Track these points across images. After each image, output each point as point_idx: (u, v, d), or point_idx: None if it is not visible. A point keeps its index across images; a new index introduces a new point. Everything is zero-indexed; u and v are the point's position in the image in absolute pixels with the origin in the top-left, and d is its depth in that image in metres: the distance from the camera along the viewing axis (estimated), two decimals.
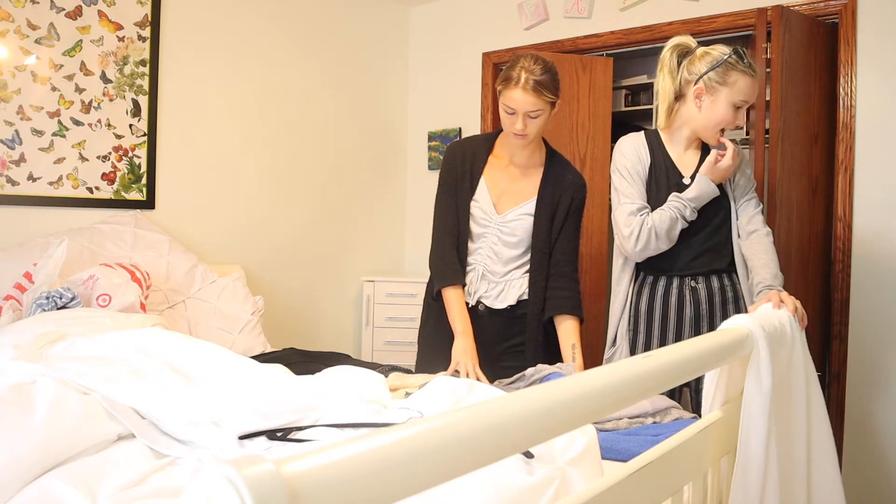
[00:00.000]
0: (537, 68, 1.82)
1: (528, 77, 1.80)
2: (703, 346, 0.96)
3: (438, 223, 2.01)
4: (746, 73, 1.80)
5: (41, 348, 1.57)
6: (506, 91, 1.83)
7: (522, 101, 1.81)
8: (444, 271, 1.95)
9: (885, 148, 2.55)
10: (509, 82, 1.82)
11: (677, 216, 1.84)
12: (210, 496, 0.39)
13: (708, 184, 1.85)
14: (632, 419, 1.51)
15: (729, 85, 1.80)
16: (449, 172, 2.02)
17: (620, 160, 1.95)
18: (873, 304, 2.56)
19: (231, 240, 3.08)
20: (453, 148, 2.06)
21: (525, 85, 1.80)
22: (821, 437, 1.21)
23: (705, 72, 1.82)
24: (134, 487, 1.07)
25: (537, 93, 1.81)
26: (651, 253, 1.88)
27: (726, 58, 1.79)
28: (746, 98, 1.82)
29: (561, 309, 1.92)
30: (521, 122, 1.84)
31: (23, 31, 2.38)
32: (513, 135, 1.89)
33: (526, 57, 1.85)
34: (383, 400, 1.45)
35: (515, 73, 1.81)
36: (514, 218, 1.97)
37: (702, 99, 1.85)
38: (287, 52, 3.30)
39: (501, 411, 0.58)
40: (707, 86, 1.83)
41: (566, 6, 3.33)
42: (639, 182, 1.91)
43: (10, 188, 2.38)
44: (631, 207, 1.88)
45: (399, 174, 3.95)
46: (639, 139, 1.98)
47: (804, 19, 2.62)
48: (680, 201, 1.85)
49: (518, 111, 1.83)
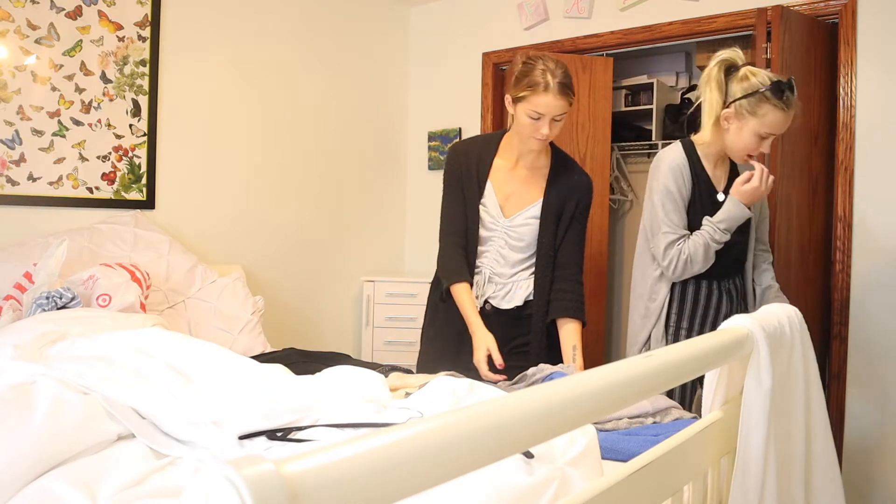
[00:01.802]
0: (559, 70, 1.78)
1: (555, 80, 1.76)
2: (703, 346, 0.96)
3: (444, 225, 2.01)
4: (779, 107, 1.78)
5: (41, 348, 1.57)
6: (533, 97, 1.77)
7: (554, 105, 1.77)
8: (450, 270, 1.95)
9: (885, 148, 2.55)
10: (536, 87, 1.77)
11: (709, 242, 1.85)
12: (210, 496, 0.39)
13: (737, 206, 1.85)
14: (632, 419, 1.51)
15: (759, 116, 1.78)
16: (454, 174, 2.00)
17: (665, 183, 1.89)
18: (873, 304, 2.56)
19: (231, 240, 3.08)
20: (457, 150, 2.03)
21: (554, 89, 1.76)
22: (821, 438, 1.21)
23: (738, 98, 1.80)
24: (134, 487, 1.07)
25: (566, 95, 1.78)
26: (689, 276, 1.91)
27: (762, 90, 1.77)
28: (774, 132, 1.81)
29: (564, 312, 1.93)
30: (547, 127, 1.80)
31: (23, 31, 2.38)
32: (533, 139, 1.85)
33: (542, 58, 1.81)
34: (383, 400, 1.45)
35: (541, 78, 1.76)
36: (522, 222, 1.96)
37: (729, 122, 1.84)
38: (287, 51, 3.30)
39: (501, 411, 0.58)
40: (737, 111, 1.81)
41: (566, 6, 3.33)
42: (681, 207, 1.89)
43: (10, 188, 2.38)
44: (671, 237, 1.87)
45: (399, 174, 3.95)
46: (681, 159, 1.91)
47: (804, 19, 2.62)
48: (711, 226, 1.85)
49: (546, 115, 1.79)
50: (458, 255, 1.95)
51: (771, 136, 1.81)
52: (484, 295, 1.98)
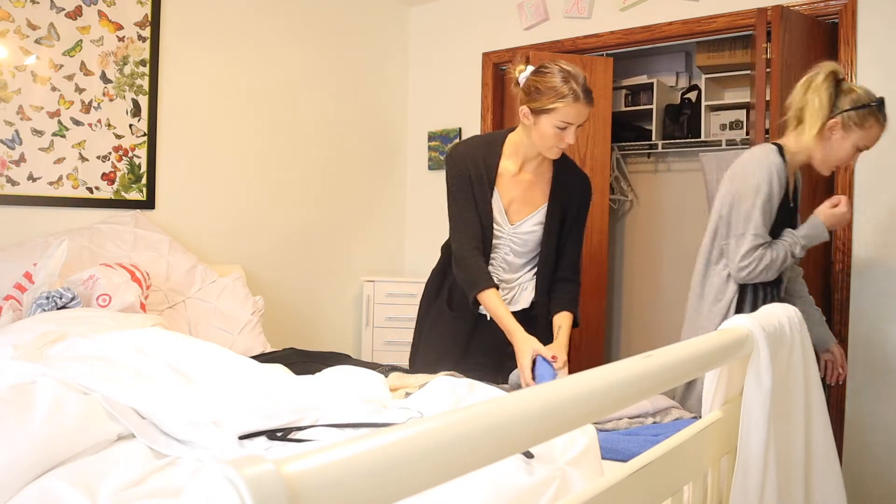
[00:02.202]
0: (581, 77, 1.76)
1: (580, 89, 1.74)
2: (703, 346, 0.96)
3: (460, 231, 1.91)
4: (880, 122, 1.80)
5: (41, 348, 1.57)
6: (563, 108, 1.74)
7: (583, 113, 1.76)
8: (478, 276, 1.88)
9: (885, 148, 2.55)
10: (566, 98, 1.73)
11: (788, 254, 1.84)
12: (210, 496, 0.39)
13: (821, 227, 1.86)
14: (632, 419, 1.51)
15: (865, 129, 1.80)
16: (463, 178, 1.91)
17: (764, 185, 1.83)
18: (873, 304, 2.56)
19: (231, 240, 3.08)
20: (462, 151, 1.94)
21: (583, 98, 1.74)
22: (821, 438, 1.21)
23: (847, 109, 1.81)
24: (134, 487, 1.07)
25: (591, 101, 1.77)
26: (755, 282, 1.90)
27: (872, 104, 1.80)
28: (869, 145, 1.83)
29: (558, 308, 1.95)
30: (573, 136, 1.78)
31: (23, 31, 2.38)
32: (556, 148, 1.82)
33: (557, 65, 1.77)
34: (383, 400, 1.45)
35: (567, 89, 1.73)
36: (529, 230, 1.94)
37: (833, 132, 1.83)
38: (287, 51, 3.30)
39: (501, 411, 0.58)
40: (844, 123, 1.81)
41: (566, 6, 3.33)
42: (771, 213, 1.87)
43: (10, 188, 2.38)
44: (757, 241, 1.83)
45: (399, 174, 3.95)
46: (780, 165, 1.86)
47: (804, 19, 2.62)
48: (792, 238, 1.85)
49: (573, 124, 1.76)
50: (482, 262, 1.89)
51: (865, 149, 1.84)
52: None
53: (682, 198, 4.00)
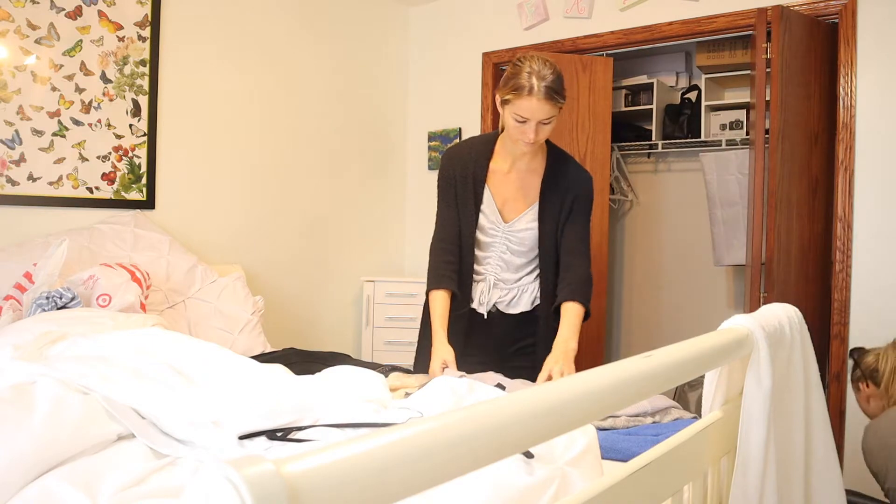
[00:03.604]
0: (547, 72, 1.70)
1: (540, 84, 1.69)
2: (703, 346, 0.96)
3: (436, 229, 1.98)
4: None
5: (41, 348, 1.57)
6: (517, 101, 1.71)
7: (538, 109, 1.71)
8: (433, 276, 1.92)
9: (885, 148, 2.55)
10: (520, 91, 1.70)
11: None
12: (210, 496, 0.39)
13: None
14: (630, 416, 1.51)
15: None
16: (447, 181, 1.96)
17: None
18: (873, 304, 2.56)
19: (231, 240, 3.08)
20: (451, 155, 1.98)
21: (539, 93, 1.69)
22: (821, 438, 1.21)
23: None
24: (134, 487, 1.07)
25: (551, 100, 1.71)
26: None
27: None
28: None
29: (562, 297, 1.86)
30: (533, 132, 1.74)
31: (23, 31, 2.38)
32: (521, 142, 1.80)
33: (530, 60, 1.74)
34: (383, 400, 1.45)
35: (525, 81, 1.69)
36: (523, 227, 1.93)
37: None
38: (287, 51, 3.30)
39: (501, 411, 0.58)
40: None
41: (566, 6, 3.33)
42: None
43: (10, 188, 2.38)
44: None
45: (399, 174, 3.95)
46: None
47: (804, 19, 2.62)
48: None
49: (531, 120, 1.73)
50: (443, 262, 1.91)
51: None
52: (490, 301, 1.96)
53: (682, 198, 4.00)
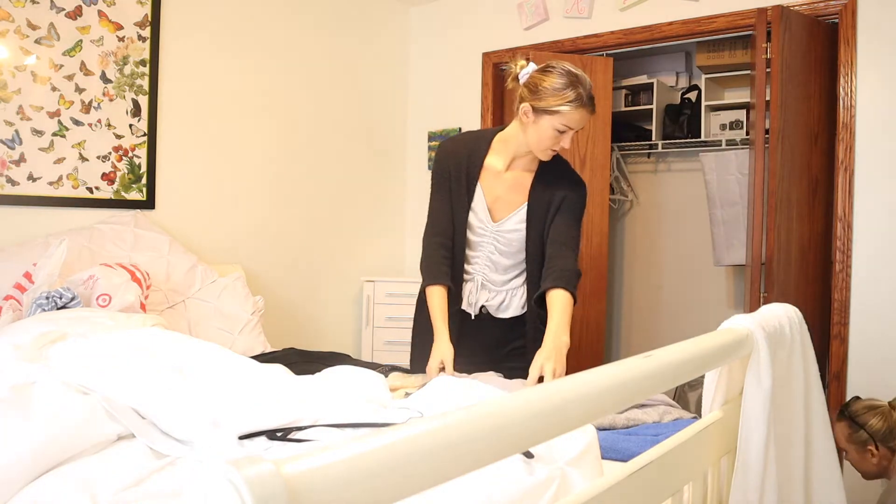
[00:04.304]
0: (587, 82, 1.73)
1: (586, 94, 1.72)
2: (703, 346, 0.96)
3: (428, 223, 1.95)
4: None
5: (41, 348, 1.57)
6: (568, 112, 1.72)
7: (586, 119, 1.74)
8: (429, 271, 1.89)
9: (885, 148, 2.55)
10: (572, 102, 1.71)
11: None
12: (210, 496, 0.39)
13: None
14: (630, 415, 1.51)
15: None
16: (442, 175, 1.94)
17: None
18: (873, 304, 2.56)
19: (231, 240, 3.08)
20: (446, 149, 1.96)
21: (589, 104, 1.72)
22: (821, 438, 1.21)
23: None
24: (134, 487, 1.07)
25: (594, 110, 1.75)
26: None
27: None
28: None
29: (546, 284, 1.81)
30: (569, 141, 1.77)
31: (23, 31, 2.38)
32: (550, 150, 1.81)
33: (568, 67, 1.74)
34: (383, 400, 1.45)
35: (575, 92, 1.70)
36: (512, 228, 1.91)
37: None
38: (286, 51, 3.30)
39: (501, 411, 0.58)
40: None
41: (566, 6, 3.33)
42: None
43: (10, 188, 2.37)
44: None
45: (399, 174, 3.95)
46: None
47: (804, 19, 2.62)
48: None
49: (574, 129, 1.75)
50: (439, 257, 1.89)
51: None
52: (478, 301, 1.95)
53: (682, 198, 4.00)
